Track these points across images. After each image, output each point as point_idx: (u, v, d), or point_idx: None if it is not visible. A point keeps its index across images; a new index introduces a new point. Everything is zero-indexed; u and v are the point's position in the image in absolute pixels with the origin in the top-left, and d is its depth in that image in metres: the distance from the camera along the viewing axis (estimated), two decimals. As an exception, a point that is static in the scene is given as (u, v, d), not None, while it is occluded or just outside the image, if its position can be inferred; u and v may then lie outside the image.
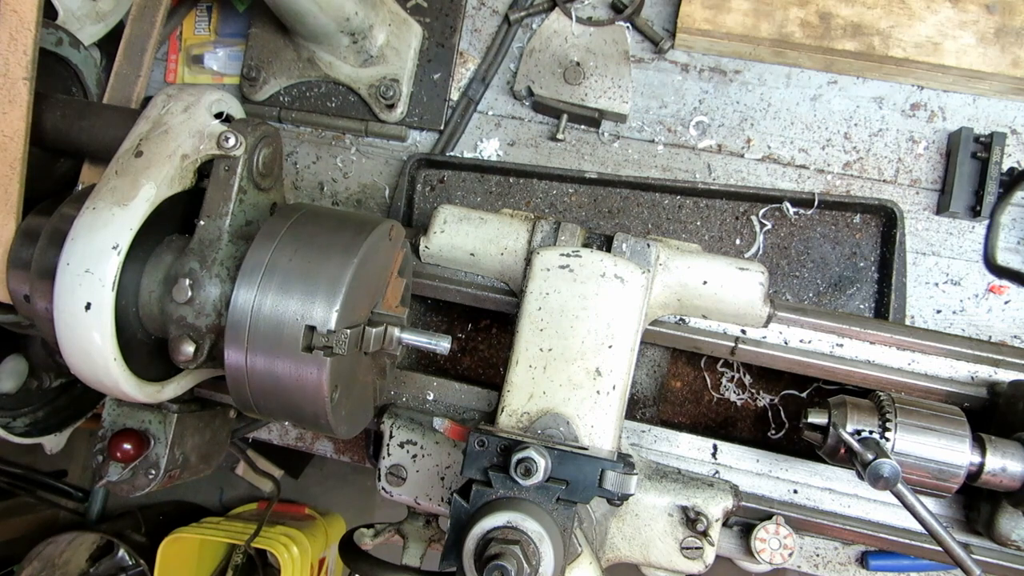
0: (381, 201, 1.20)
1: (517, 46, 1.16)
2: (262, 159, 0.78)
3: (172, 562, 1.93)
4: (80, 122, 0.85)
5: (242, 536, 1.88)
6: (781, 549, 0.87)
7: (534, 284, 0.84)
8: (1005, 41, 1.00)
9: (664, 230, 1.11)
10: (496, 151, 1.17)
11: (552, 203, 1.14)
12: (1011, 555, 0.85)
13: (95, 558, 2.19)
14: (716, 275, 0.86)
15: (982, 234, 1.06)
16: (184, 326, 0.74)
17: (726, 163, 1.11)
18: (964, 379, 0.87)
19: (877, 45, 1.02)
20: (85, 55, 0.98)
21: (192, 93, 0.80)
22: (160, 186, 0.73)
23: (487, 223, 0.90)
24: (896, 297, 1.03)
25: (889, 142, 1.09)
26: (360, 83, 1.16)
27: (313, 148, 1.22)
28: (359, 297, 0.73)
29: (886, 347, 0.88)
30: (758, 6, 1.04)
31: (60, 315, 0.69)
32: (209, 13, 1.26)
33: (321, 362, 0.68)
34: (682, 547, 0.83)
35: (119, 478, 0.92)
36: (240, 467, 2.39)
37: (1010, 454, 0.75)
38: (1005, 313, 1.05)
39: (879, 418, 0.75)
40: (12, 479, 2.28)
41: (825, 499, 0.88)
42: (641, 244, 0.86)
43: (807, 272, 1.09)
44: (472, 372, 1.13)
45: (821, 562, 1.01)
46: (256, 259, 0.70)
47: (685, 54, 1.13)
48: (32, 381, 1.01)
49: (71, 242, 0.70)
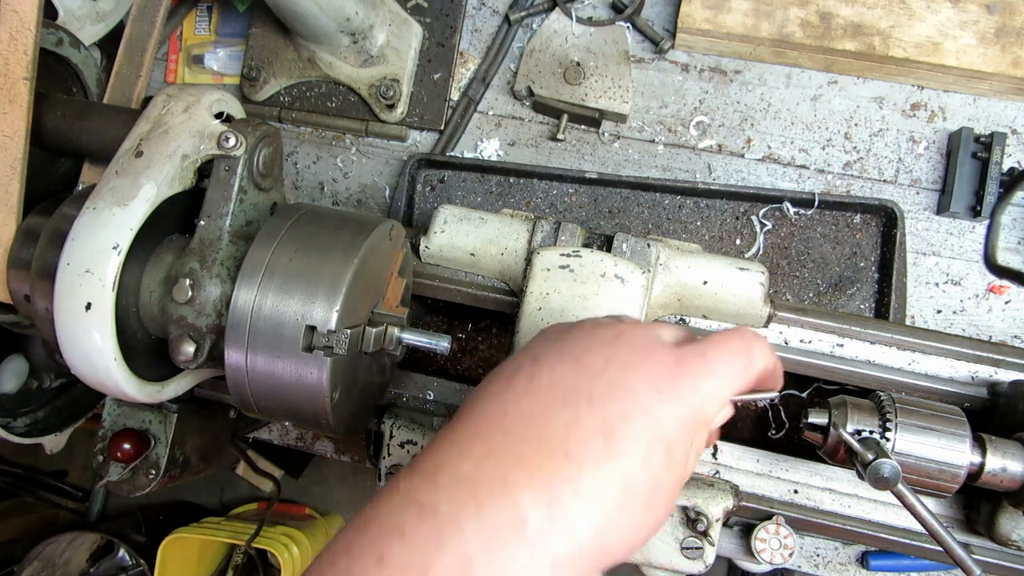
0: (381, 201, 1.20)
1: (517, 46, 1.16)
2: (262, 159, 0.78)
3: (172, 562, 1.93)
4: (80, 122, 0.85)
5: (242, 536, 1.88)
6: (781, 549, 0.87)
7: (534, 284, 0.84)
8: (1005, 41, 1.00)
9: (664, 230, 1.11)
10: (496, 151, 1.17)
11: (552, 203, 1.14)
12: (1011, 555, 0.85)
13: (95, 558, 2.19)
14: (716, 275, 0.86)
15: (982, 234, 1.06)
16: (184, 326, 0.74)
17: (726, 163, 1.11)
18: (964, 379, 0.87)
19: (877, 45, 1.02)
20: (85, 55, 0.98)
21: (192, 93, 0.80)
22: (160, 186, 0.73)
23: (487, 223, 0.90)
24: (896, 297, 1.03)
25: (889, 142, 1.09)
26: (360, 83, 1.16)
27: (313, 148, 1.22)
28: (359, 297, 0.73)
29: (886, 347, 0.88)
30: (758, 6, 1.04)
31: (60, 315, 0.69)
32: (209, 13, 1.26)
33: (321, 362, 0.68)
34: (682, 547, 0.83)
35: (119, 478, 0.92)
36: (240, 467, 2.39)
37: (1010, 454, 0.75)
38: (1005, 313, 1.05)
39: (879, 418, 0.75)
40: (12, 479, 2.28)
41: (825, 499, 0.88)
42: (641, 244, 0.86)
43: (807, 272, 1.09)
44: (472, 372, 1.13)
45: (821, 562, 1.01)
46: (256, 259, 0.70)
47: (685, 54, 1.13)
48: (32, 381, 1.01)
49: (71, 242, 0.70)
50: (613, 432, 0.43)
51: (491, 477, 0.42)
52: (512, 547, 0.40)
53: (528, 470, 0.42)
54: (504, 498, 0.41)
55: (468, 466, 0.43)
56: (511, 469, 0.42)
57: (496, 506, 0.41)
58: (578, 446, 0.43)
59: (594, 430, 0.43)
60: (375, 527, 0.43)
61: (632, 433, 0.43)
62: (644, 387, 0.45)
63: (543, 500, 0.41)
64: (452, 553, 0.40)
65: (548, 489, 0.41)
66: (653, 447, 0.44)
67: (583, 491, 0.42)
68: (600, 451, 0.43)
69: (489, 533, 0.40)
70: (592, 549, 0.42)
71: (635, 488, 0.43)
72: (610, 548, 0.43)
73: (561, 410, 0.44)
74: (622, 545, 0.43)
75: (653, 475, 0.43)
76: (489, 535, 0.40)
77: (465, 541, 0.40)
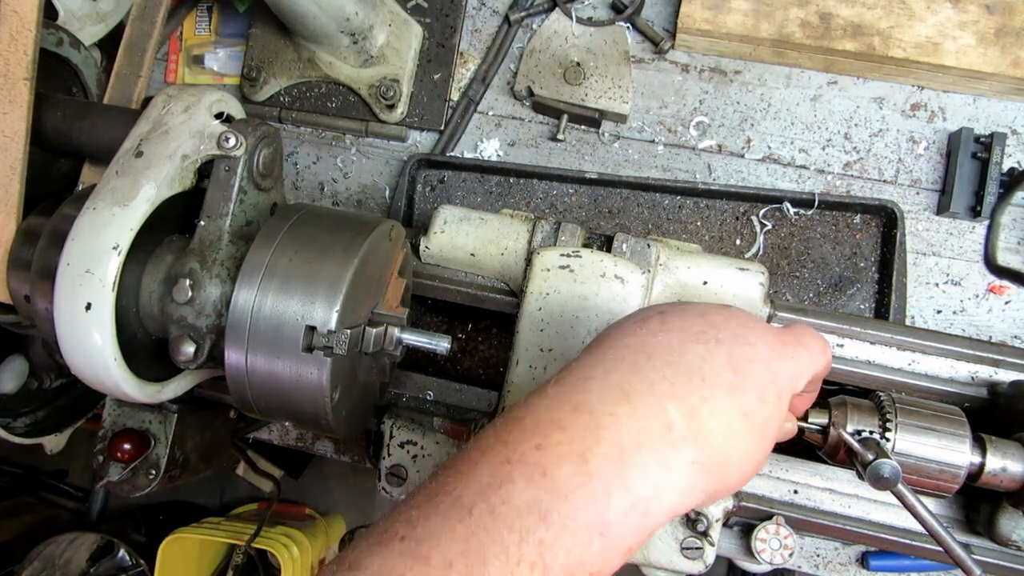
0: (381, 201, 1.20)
1: (517, 46, 1.16)
2: (262, 159, 0.78)
3: (172, 562, 1.93)
4: (80, 122, 0.85)
5: (242, 536, 1.87)
6: (781, 549, 0.87)
7: (534, 284, 0.84)
8: (1005, 41, 1.00)
9: (664, 230, 1.11)
10: (496, 151, 1.17)
11: (552, 203, 1.14)
12: (1011, 555, 0.85)
13: (95, 558, 2.19)
14: (716, 275, 0.86)
15: (982, 234, 1.06)
16: (184, 326, 0.74)
17: (726, 163, 1.11)
18: (964, 379, 0.87)
19: (877, 45, 1.02)
20: (85, 55, 0.98)
21: (192, 93, 0.80)
22: (160, 186, 0.73)
23: (487, 223, 0.90)
24: (896, 297, 1.03)
25: (889, 142, 1.09)
26: (360, 83, 1.16)
27: (313, 148, 1.22)
28: (359, 297, 0.73)
29: (886, 347, 0.88)
30: (758, 6, 1.04)
31: (60, 315, 0.69)
32: (209, 13, 1.26)
33: (321, 362, 0.68)
34: (682, 547, 0.83)
35: (119, 478, 0.92)
36: (240, 467, 2.39)
37: (1010, 454, 0.75)
38: (1005, 313, 1.05)
39: (879, 418, 0.75)
40: (12, 479, 2.28)
41: (825, 499, 0.88)
42: (641, 244, 0.86)
43: (807, 272, 1.09)
44: (472, 372, 1.13)
45: (821, 562, 1.01)
46: (256, 259, 0.70)
47: (685, 54, 1.13)
48: (32, 381, 1.01)
49: (71, 242, 0.70)
50: (740, 369, 0.50)
51: (639, 387, 0.48)
52: (659, 444, 0.46)
53: (671, 386, 0.49)
54: (655, 403, 0.48)
55: (617, 377, 0.49)
56: (657, 383, 0.49)
57: (648, 409, 0.47)
58: (712, 373, 0.50)
59: (724, 364, 0.50)
60: (530, 421, 0.47)
61: (754, 373, 0.51)
62: (760, 343, 0.53)
63: (685, 411, 0.48)
64: (608, 443, 0.45)
65: (688, 403, 0.48)
66: (768, 390, 0.51)
67: (717, 410, 0.48)
68: (729, 381, 0.50)
69: (640, 430, 0.46)
70: (719, 463, 0.48)
71: (754, 419, 0.50)
72: (730, 469, 0.49)
73: (695, 345, 0.51)
74: (737, 469, 0.49)
75: (766, 413, 0.51)
76: (640, 431, 0.46)
77: (622, 433, 0.46)
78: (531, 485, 0.43)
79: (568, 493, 0.43)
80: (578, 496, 0.43)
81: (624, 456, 0.45)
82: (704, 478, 0.47)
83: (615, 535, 0.44)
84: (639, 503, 0.44)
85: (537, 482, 0.44)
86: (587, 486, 0.44)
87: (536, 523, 0.42)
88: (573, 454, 0.45)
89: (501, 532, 0.42)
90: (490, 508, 0.43)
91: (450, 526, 0.42)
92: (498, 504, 0.43)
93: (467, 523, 0.42)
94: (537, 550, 0.42)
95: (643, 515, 0.45)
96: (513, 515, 0.42)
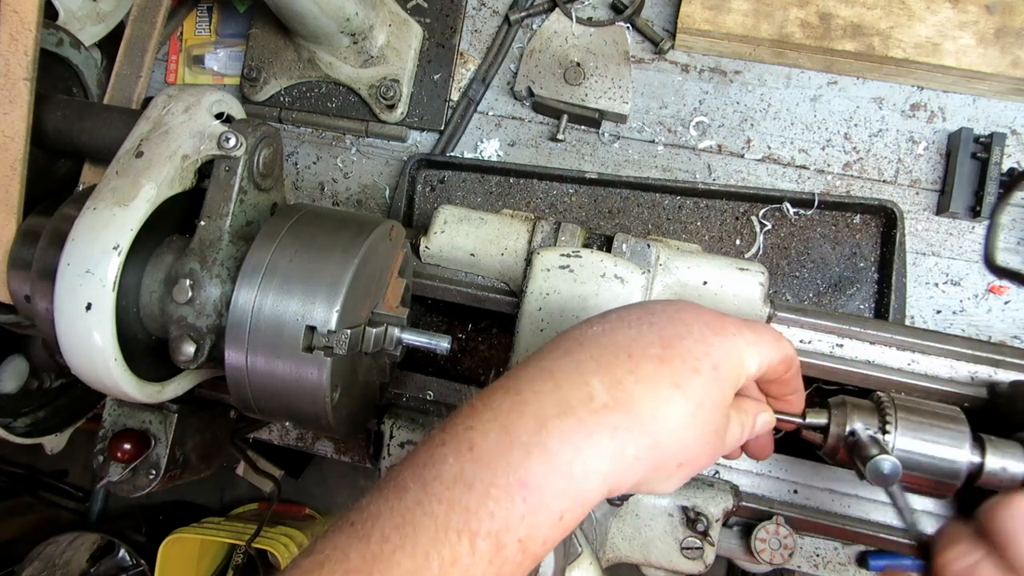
0: (381, 201, 1.20)
1: (517, 46, 1.16)
2: (262, 159, 0.78)
3: (172, 562, 1.93)
4: (81, 123, 0.85)
5: (242, 536, 1.88)
6: (781, 549, 0.87)
7: (534, 284, 0.84)
8: (1005, 41, 1.00)
9: (664, 230, 1.11)
10: (496, 151, 1.17)
11: (552, 203, 1.14)
12: (1011, 555, 0.85)
13: (96, 558, 2.19)
14: (716, 275, 0.86)
15: (982, 234, 1.06)
16: (184, 326, 0.74)
17: (726, 163, 1.12)
18: (964, 379, 0.87)
19: (877, 45, 1.02)
20: (86, 56, 0.98)
21: (193, 93, 0.80)
22: (161, 186, 0.73)
23: (487, 223, 0.90)
24: (896, 297, 1.03)
25: (889, 142, 1.09)
26: (360, 83, 1.16)
27: (313, 148, 1.22)
28: (359, 297, 0.73)
29: (886, 347, 0.88)
30: (758, 7, 1.04)
31: (61, 315, 0.69)
32: (209, 14, 1.26)
33: (321, 362, 0.68)
34: (682, 547, 0.83)
35: (120, 478, 0.92)
36: (240, 467, 2.39)
37: (1010, 454, 0.74)
38: (1005, 313, 1.05)
39: (879, 418, 0.74)
40: (12, 479, 2.28)
41: (825, 499, 0.89)
42: (641, 244, 0.86)
43: (807, 272, 1.09)
44: (472, 372, 1.13)
45: (821, 562, 1.01)
46: (256, 259, 0.70)
47: (685, 54, 1.13)
48: (33, 381, 1.01)
49: (72, 242, 0.70)
50: (669, 344, 0.52)
51: (566, 367, 0.51)
52: (581, 412, 0.48)
53: (597, 363, 0.51)
54: (579, 378, 0.50)
55: (548, 362, 0.52)
56: (583, 362, 0.51)
57: (570, 384, 0.50)
58: (640, 350, 0.51)
59: (653, 342, 0.52)
60: (467, 407, 0.51)
61: (685, 347, 0.52)
62: (696, 322, 0.54)
63: (609, 382, 0.50)
64: (530, 416, 0.48)
65: (613, 375, 0.50)
66: (701, 361, 0.52)
67: (643, 379, 0.50)
68: (657, 355, 0.51)
69: (563, 403, 0.48)
70: (648, 428, 0.49)
71: (687, 388, 0.50)
72: (663, 435, 0.49)
73: (627, 329, 0.54)
74: (673, 435, 0.50)
75: (702, 382, 0.51)
76: (562, 404, 0.48)
77: (543, 407, 0.48)
78: (459, 459, 0.47)
79: (490, 461, 0.46)
80: (499, 463, 0.46)
81: (544, 424, 0.47)
82: (632, 443, 0.48)
83: (538, 499, 0.46)
84: (561, 466, 0.46)
85: (464, 456, 0.47)
86: (508, 453, 0.47)
87: (462, 492, 0.45)
88: (497, 427, 0.48)
89: (431, 504, 0.45)
90: (423, 484, 0.47)
91: (389, 505, 0.46)
92: (430, 480, 0.47)
93: (403, 500, 0.46)
94: (463, 517, 0.45)
95: (567, 479, 0.46)
96: (442, 488, 0.46)
